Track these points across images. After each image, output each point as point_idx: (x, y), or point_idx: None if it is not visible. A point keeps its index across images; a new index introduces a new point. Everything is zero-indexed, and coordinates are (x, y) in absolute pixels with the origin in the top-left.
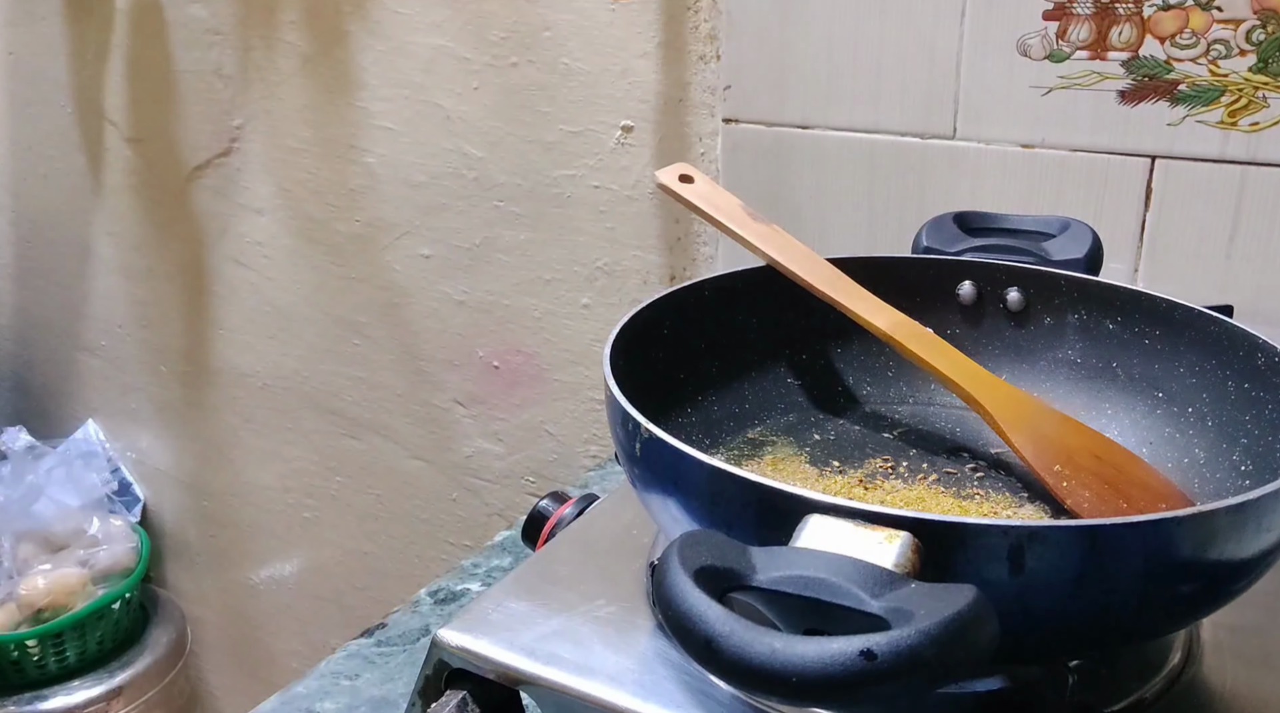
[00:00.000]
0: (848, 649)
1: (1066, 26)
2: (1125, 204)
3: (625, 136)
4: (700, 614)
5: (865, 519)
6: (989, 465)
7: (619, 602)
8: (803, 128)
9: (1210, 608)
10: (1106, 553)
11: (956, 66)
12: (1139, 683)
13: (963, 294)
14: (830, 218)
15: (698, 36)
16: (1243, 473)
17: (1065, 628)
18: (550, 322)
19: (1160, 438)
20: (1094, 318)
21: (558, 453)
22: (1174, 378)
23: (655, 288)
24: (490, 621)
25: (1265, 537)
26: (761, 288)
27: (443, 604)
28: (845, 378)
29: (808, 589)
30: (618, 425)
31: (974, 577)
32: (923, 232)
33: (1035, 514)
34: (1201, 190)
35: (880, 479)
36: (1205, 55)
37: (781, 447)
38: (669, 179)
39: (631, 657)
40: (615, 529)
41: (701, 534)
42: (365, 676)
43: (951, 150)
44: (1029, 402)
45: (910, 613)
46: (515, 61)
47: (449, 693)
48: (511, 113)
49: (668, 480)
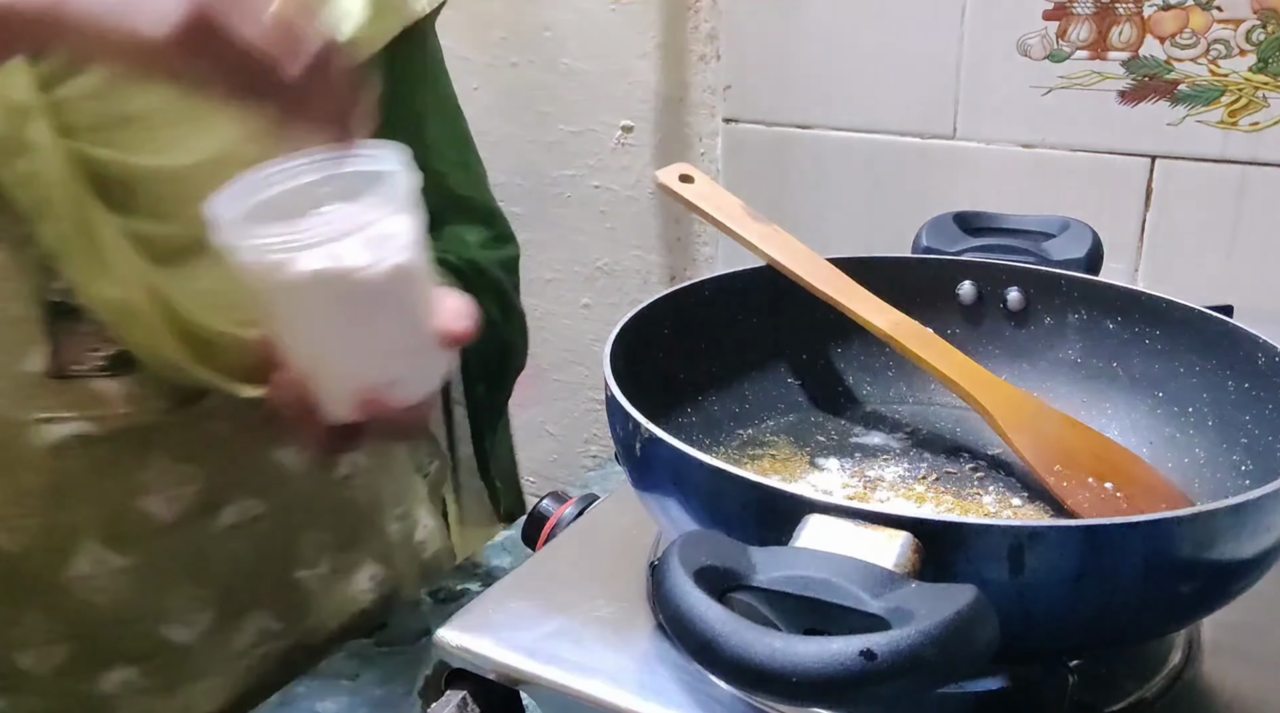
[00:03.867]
0: (848, 649)
1: (1066, 26)
2: (1125, 204)
3: (625, 136)
4: (700, 614)
5: (865, 519)
6: (989, 465)
7: (619, 602)
8: (803, 128)
9: (1210, 608)
10: (1106, 553)
11: (957, 66)
12: (1139, 683)
13: (963, 294)
14: (830, 218)
15: (698, 36)
16: (1243, 473)
17: (1065, 628)
18: (550, 322)
19: (1160, 438)
20: (1094, 318)
21: (558, 453)
22: (1174, 378)
23: (655, 288)
24: (490, 621)
25: (1265, 537)
26: (761, 288)
27: (443, 604)
28: (845, 378)
29: (808, 589)
30: (618, 425)
31: (974, 577)
32: (923, 232)
33: (1035, 514)
34: (1201, 190)
35: (880, 479)
36: (1205, 55)
37: (781, 447)
38: (669, 179)
39: (631, 657)
40: (615, 529)
41: (701, 534)
42: (365, 676)
43: (951, 150)
44: (1029, 402)
45: (910, 613)
46: (515, 61)
47: (449, 693)
48: (511, 113)
49: (668, 480)
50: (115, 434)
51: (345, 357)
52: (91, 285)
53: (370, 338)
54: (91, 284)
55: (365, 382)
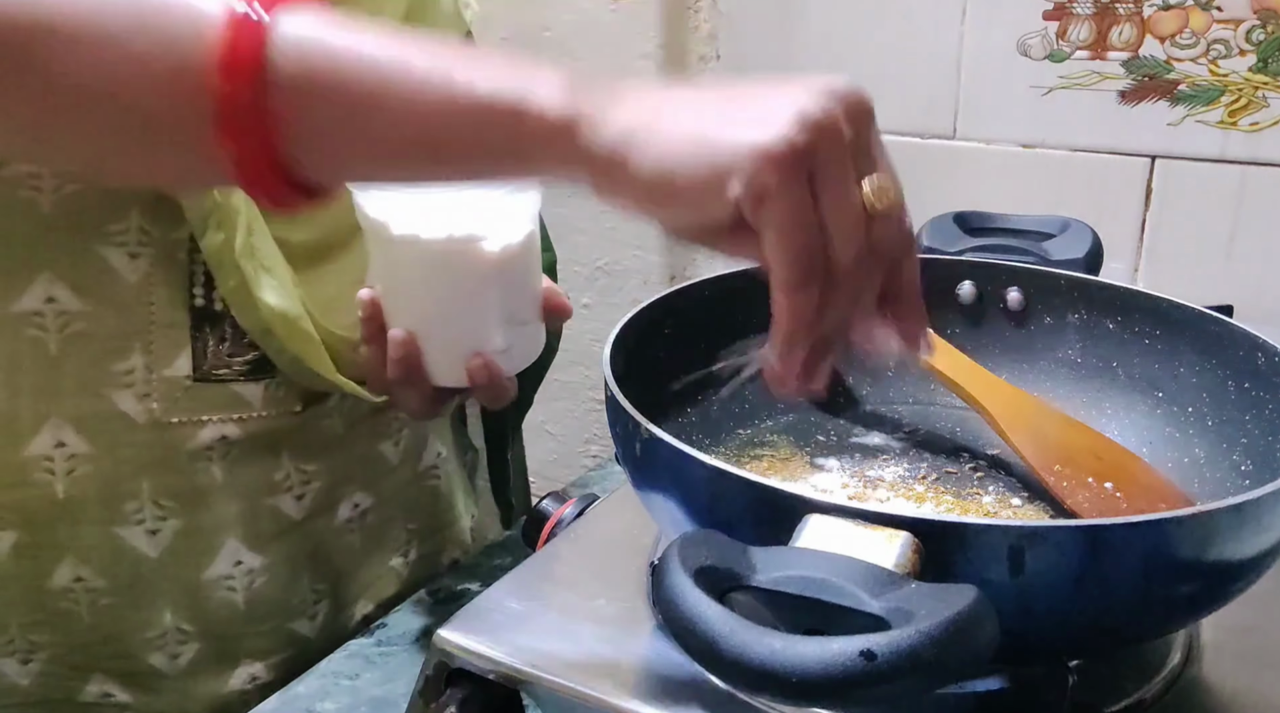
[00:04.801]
0: (848, 649)
1: (1066, 26)
2: (1125, 204)
3: None
4: (700, 615)
5: (865, 519)
6: (989, 465)
7: (619, 602)
8: None
9: (1210, 608)
10: (1106, 553)
11: (957, 66)
12: (1139, 683)
13: (963, 294)
14: None
15: (698, 36)
16: (1243, 473)
17: (1065, 628)
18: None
19: (1160, 438)
20: (1094, 318)
21: (558, 453)
22: (1174, 378)
23: (655, 288)
24: (490, 621)
25: (1265, 537)
26: (762, 288)
27: (443, 604)
28: (845, 378)
29: (808, 589)
30: (618, 425)
31: (974, 577)
32: (923, 232)
33: (1035, 514)
34: (1201, 190)
35: (880, 479)
36: (1205, 55)
37: (781, 447)
38: None
39: (631, 657)
40: (615, 529)
41: (701, 534)
42: (365, 676)
43: (951, 150)
44: (1029, 402)
45: (910, 613)
46: None
47: (449, 693)
48: None
49: (668, 480)
50: (253, 436)
51: (460, 322)
52: (254, 293)
53: (486, 306)
54: (255, 292)
55: (476, 347)
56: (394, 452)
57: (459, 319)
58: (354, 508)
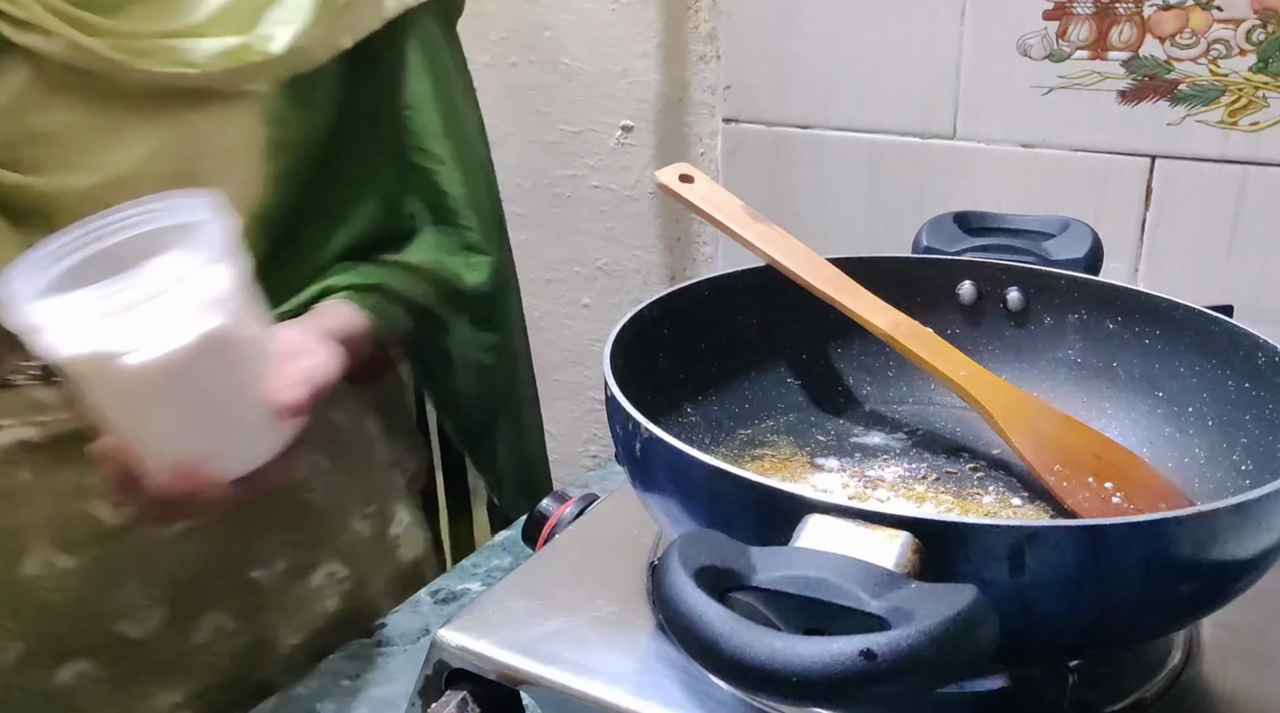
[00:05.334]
0: (848, 649)
1: (1067, 26)
2: (1125, 204)
3: (625, 136)
4: (700, 614)
5: (865, 519)
6: (989, 465)
7: (619, 602)
8: (803, 128)
9: (1210, 608)
10: (1106, 553)
11: (957, 66)
12: (1139, 683)
13: (963, 294)
14: (830, 218)
15: (698, 36)
16: (1243, 473)
17: (1065, 628)
18: (550, 322)
19: (1160, 438)
20: (1094, 318)
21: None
22: (1174, 378)
23: (655, 288)
24: (490, 621)
25: (1265, 537)
26: (761, 288)
27: (443, 604)
28: (845, 378)
29: (808, 589)
30: (618, 425)
31: (974, 577)
32: (923, 232)
33: (1035, 514)
34: (1201, 190)
35: (880, 479)
36: (1205, 55)
37: (781, 447)
38: (669, 179)
39: (631, 657)
40: (615, 529)
41: (701, 534)
42: (365, 676)
43: (951, 150)
44: (1029, 402)
45: (910, 613)
46: (515, 61)
47: (449, 693)
48: (511, 113)
49: (668, 480)
50: (58, 439)
51: (153, 432)
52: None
53: (174, 415)
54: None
55: (177, 455)
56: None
57: (148, 428)
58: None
